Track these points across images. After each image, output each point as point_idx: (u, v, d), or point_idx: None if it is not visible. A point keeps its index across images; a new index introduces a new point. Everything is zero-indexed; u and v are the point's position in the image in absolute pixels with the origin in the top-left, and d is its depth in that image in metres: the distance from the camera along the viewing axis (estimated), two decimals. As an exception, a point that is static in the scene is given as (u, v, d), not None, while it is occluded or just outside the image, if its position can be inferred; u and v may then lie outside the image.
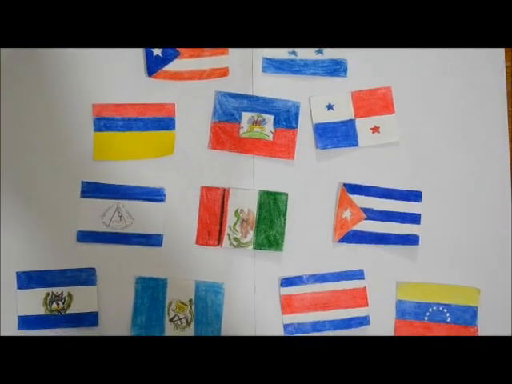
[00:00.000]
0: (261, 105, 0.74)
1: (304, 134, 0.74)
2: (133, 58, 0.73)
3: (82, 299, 0.71)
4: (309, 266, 0.74)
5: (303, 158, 0.74)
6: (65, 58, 0.71)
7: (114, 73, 0.72)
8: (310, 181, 0.74)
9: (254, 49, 0.74)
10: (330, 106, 0.74)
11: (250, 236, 0.73)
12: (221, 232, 0.73)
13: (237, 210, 0.73)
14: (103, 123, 0.72)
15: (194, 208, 0.73)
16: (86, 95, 0.72)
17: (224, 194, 0.73)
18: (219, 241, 0.73)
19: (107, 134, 0.72)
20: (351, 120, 0.74)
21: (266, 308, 0.73)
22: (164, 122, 0.73)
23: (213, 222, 0.73)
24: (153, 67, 0.73)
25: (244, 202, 0.73)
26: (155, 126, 0.73)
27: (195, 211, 0.73)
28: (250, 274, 0.73)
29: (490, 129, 0.76)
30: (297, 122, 0.74)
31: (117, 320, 0.71)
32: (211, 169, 0.73)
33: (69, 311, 0.71)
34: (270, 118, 0.74)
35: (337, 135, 0.74)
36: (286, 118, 0.74)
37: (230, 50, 0.74)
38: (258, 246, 0.73)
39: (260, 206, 0.74)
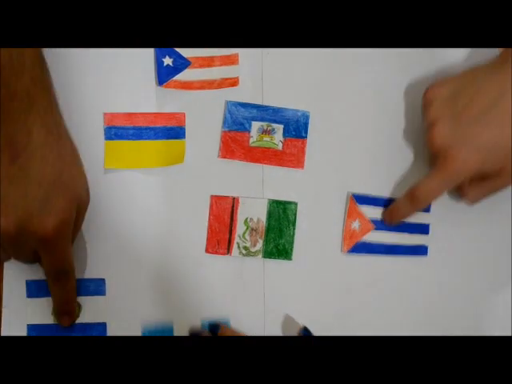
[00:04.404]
0: (270, 114, 0.75)
1: (314, 143, 0.75)
2: (143, 67, 0.73)
3: (91, 309, 0.71)
4: (318, 276, 0.74)
5: (313, 167, 0.75)
6: (75, 67, 0.72)
7: (124, 82, 0.73)
8: (319, 190, 0.75)
9: (264, 59, 0.74)
10: None
11: (259, 245, 0.74)
12: (230, 241, 0.73)
13: (246, 218, 0.74)
14: (114, 132, 0.72)
15: (204, 217, 0.73)
16: (97, 104, 0.72)
17: (233, 202, 0.74)
18: (228, 249, 0.73)
19: (118, 142, 0.72)
20: None
21: (275, 316, 0.74)
22: (174, 131, 0.73)
23: (222, 230, 0.73)
24: (163, 77, 0.73)
25: (253, 211, 0.74)
26: (165, 134, 0.73)
27: (205, 220, 0.73)
28: (259, 283, 0.74)
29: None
30: (306, 132, 0.75)
31: (125, 330, 0.72)
32: (221, 178, 0.74)
33: (77, 321, 0.70)
34: (279, 128, 0.74)
35: None
36: (296, 127, 0.75)
37: (240, 59, 0.74)
38: (267, 254, 0.74)
39: (269, 215, 0.74)
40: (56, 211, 0.61)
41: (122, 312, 0.72)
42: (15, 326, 0.70)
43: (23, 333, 0.70)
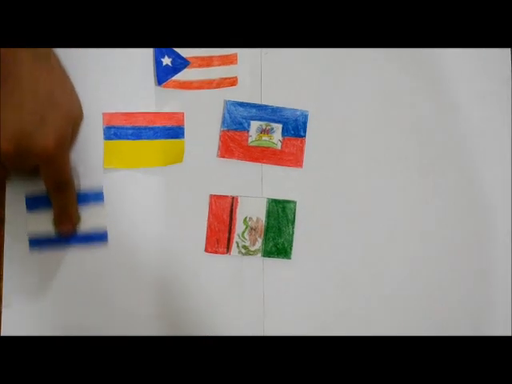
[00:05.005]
0: (269, 113, 0.75)
1: (312, 142, 0.75)
2: (142, 67, 0.73)
3: (90, 218, 0.71)
4: (317, 275, 0.74)
5: (311, 166, 0.75)
6: (74, 67, 0.71)
7: (123, 82, 0.73)
8: (318, 189, 0.75)
9: (263, 58, 0.74)
10: None
11: (259, 244, 0.74)
12: (229, 240, 0.73)
13: (245, 217, 0.74)
14: (113, 132, 0.72)
15: (203, 216, 0.73)
16: (96, 104, 0.72)
17: (233, 202, 0.74)
18: (228, 249, 0.73)
19: (117, 142, 0.72)
20: None
21: (274, 315, 0.74)
22: (173, 131, 0.73)
23: (221, 229, 0.74)
24: (162, 77, 0.73)
25: (252, 210, 0.74)
26: (165, 134, 0.73)
27: (204, 219, 0.73)
28: (258, 282, 0.74)
29: None
30: (305, 131, 0.75)
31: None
32: (220, 177, 0.74)
33: (78, 231, 0.71)
34: (278, 127, 0.75)
35: None
36: (295, 126, 0.75)
37: (239, 59, 0.74)
38: (267, 253, 0.74)
39: (268, 214, 0.74)
40: (53, 128, 0.62)
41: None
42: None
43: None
